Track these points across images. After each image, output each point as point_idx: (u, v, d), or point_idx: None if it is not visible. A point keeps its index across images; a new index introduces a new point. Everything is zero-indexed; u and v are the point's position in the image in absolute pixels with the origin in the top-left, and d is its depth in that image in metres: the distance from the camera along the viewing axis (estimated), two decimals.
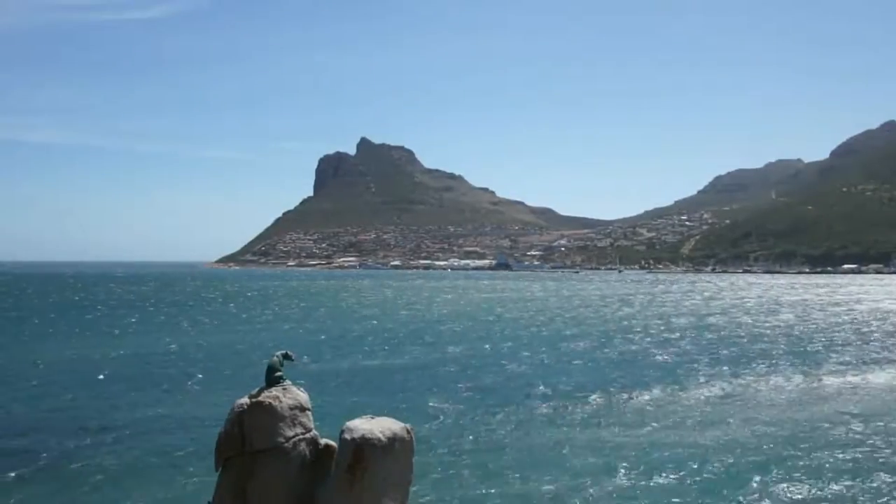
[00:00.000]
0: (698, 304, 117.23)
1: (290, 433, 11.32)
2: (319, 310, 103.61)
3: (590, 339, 63.39)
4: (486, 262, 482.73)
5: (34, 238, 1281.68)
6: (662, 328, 74.44)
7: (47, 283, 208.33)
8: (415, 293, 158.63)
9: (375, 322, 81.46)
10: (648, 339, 64.01)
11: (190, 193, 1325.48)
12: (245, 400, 11.49)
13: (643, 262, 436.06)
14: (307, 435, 11.54)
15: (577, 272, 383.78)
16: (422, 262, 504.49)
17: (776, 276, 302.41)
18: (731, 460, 24.35)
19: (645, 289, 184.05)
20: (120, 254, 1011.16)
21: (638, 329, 73.02)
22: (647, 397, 35.83)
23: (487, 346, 58.25)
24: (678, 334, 68.04)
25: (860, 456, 25.00)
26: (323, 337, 64.40)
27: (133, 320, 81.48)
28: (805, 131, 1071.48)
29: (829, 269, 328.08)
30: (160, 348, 55.17)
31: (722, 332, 69.59)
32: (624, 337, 65.34)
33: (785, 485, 21.91)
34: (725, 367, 46.02)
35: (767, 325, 78.39)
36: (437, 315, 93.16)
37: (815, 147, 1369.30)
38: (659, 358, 51.07)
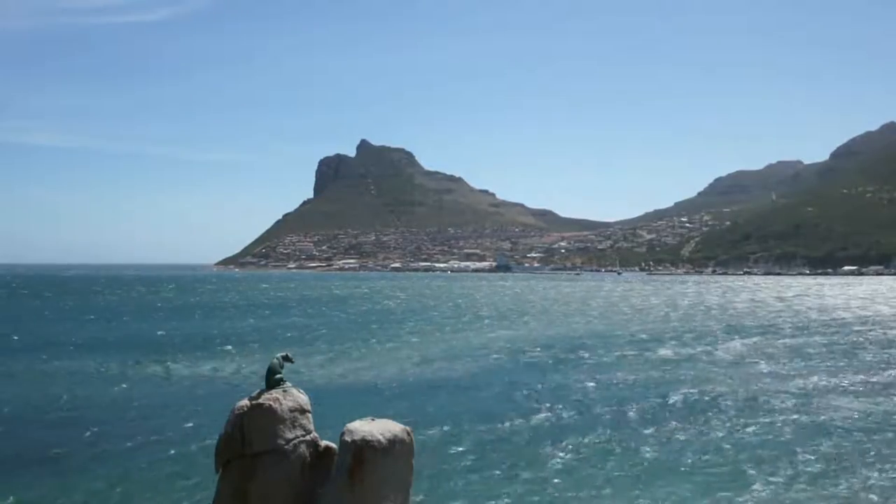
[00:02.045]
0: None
1: (290, 435, 11.32)
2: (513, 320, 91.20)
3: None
4: (486, 264, 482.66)
5: (33, 241, 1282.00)
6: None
7: (112, 285, 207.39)
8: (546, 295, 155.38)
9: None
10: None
11: (190, 196, 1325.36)
12: (245, 402, 11.49)
13: (643, 264, 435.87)
14: (307, 437, 11.54)
15: (577, 274, 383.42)
16: (422, 264, 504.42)
17: (782, 277, 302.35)
18: None
19: (710, 292, 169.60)
20: (118, 256, 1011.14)
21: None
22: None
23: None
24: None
25: None
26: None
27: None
28: (805, 133, 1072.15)
29: (829, 270, 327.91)
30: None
31: None
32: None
33: None
34: None
35: None
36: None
37: (814, 148, 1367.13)
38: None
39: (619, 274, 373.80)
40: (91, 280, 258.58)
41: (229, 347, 58.01)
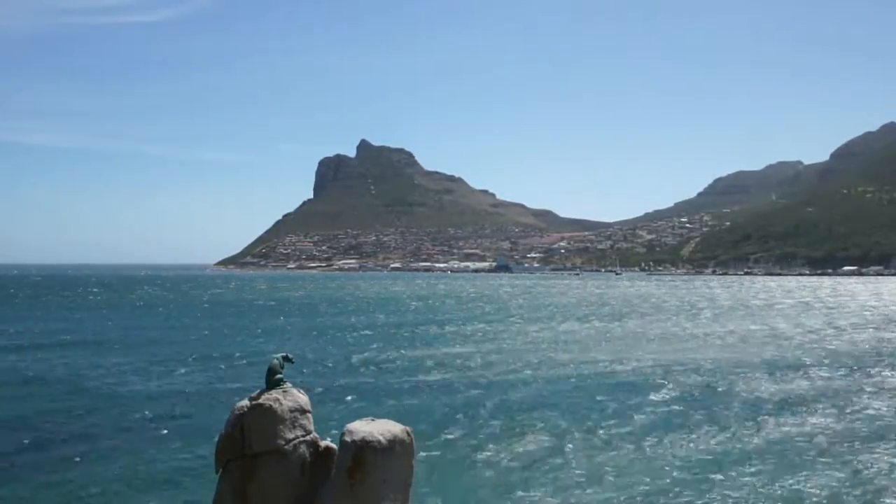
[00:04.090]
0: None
1: (290, 435, 11.33)
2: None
3: None
4: (485, 264, 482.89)
5: (33, 241, 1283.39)
6: None
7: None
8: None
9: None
10: None
11: (189, 196, 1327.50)
12: (245, 402, 11.50)
13: (643, 265, 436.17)
14: (307, 437, 11.55)
15: (577, 274, 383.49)
16: (422, 264, 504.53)
17: (781, 277, 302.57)
18: None
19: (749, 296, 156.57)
20: (118, 256, 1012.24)
21: None
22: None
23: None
24: None
25: None
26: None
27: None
28: (805, 133, 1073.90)
29: (829, 271, 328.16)
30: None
31: None
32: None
33: None
34: None
35: None
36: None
37: (815, 149, 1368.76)
38: None
39: (617, 274, 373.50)
40: (132, 279, 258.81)
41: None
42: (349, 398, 35.71)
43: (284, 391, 11.67)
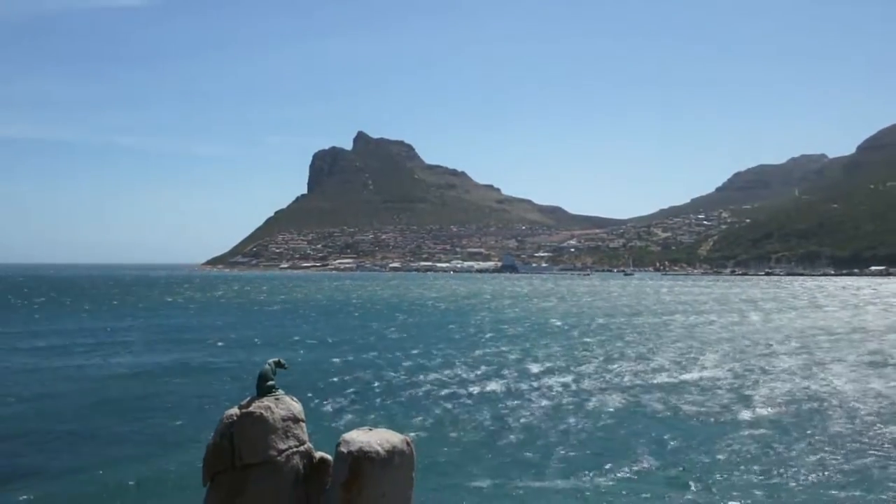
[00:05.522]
0: None
1: (282, 446, 11.29)
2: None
3: None
4: (490, 263, 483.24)
5: (6, 240, 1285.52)
6: None
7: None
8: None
9: None
10: None
11: (175, 192, 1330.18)
12: (235, 411, 11.44)
13: (657, 264, 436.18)
14: (301, 448, 11.51)
15: (587, 275, 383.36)
16: (423, 263, 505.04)
17: (804, 278, 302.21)
18: None
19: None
20: (98, 256, 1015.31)
21: None
22: None
23: None
24: None
25: None
26: None
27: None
28: (830, 125, 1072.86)
29: (855, 271, 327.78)
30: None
31: None
32: None
33: None
34: None
35: None
36: None
37: (840, 142, 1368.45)
38: None
39: (626, 275, 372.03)
40: (146, 280, 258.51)
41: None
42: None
43: (277, 398, 11.62)
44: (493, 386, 41.38)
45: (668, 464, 25.46)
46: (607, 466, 24.93)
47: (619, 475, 24.06)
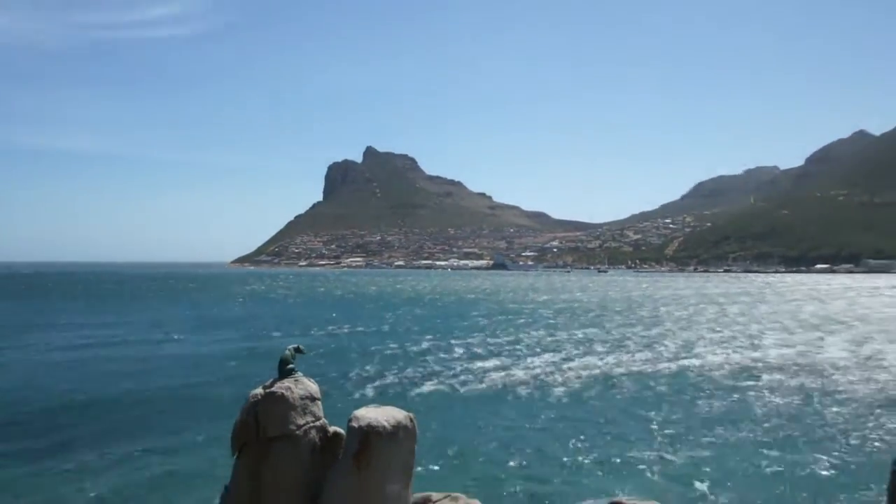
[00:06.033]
0: None
1: (301, 421, 11.38)
2: None
3: None
4: (483, 262, 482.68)
5: (55, 240, 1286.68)
6: None
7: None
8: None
9: None
10: None
11: (205, 198, 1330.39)
12: (259, 390, 11.58)
13: (629, 263, 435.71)
14: (317, 423, 11.60)
15: (568, 272, 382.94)
16: (424, 262, 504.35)
17: (758, 274, 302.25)
18: None
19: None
20: (136, 255, 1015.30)
21: None
22: None
23: None
24: None
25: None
26: None
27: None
28: (782, 140, 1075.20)
29: (802, 268, 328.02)
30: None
31: None
32: None
33: None
34: None
35: None
36: None
37: (790, 154, 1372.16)
38: None
39: (601, 272, 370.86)
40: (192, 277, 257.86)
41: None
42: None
43: (296, 380, 11.75)
44: (492, 365, 40.92)
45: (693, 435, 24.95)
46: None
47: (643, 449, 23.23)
